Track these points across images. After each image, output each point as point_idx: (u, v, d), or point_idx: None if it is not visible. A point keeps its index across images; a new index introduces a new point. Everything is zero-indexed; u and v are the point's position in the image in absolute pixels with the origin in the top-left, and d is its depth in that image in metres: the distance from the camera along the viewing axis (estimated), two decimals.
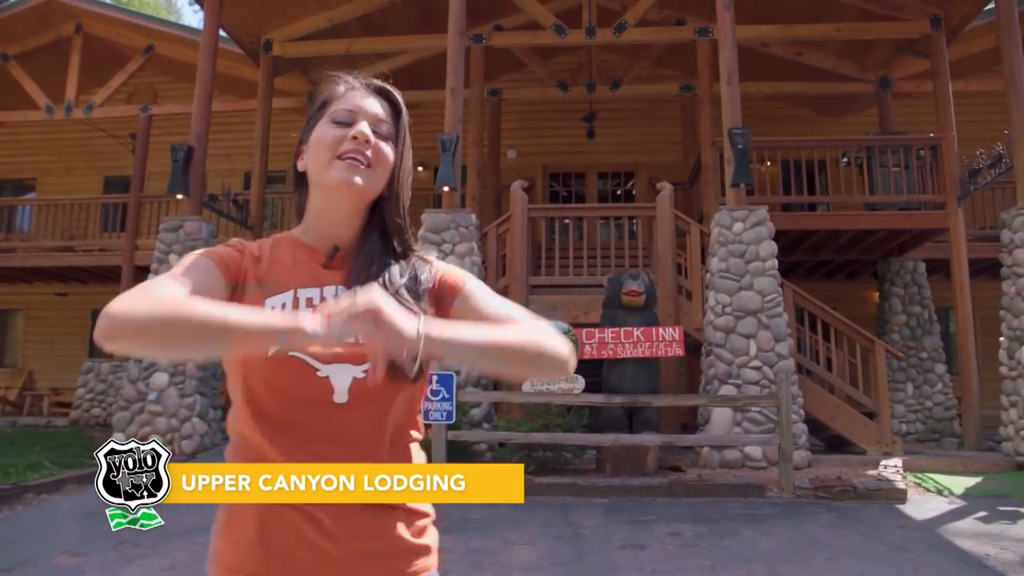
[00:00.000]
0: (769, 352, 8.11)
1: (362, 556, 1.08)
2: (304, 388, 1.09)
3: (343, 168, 1.15)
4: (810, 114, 13.93)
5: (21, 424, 13.04)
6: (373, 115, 1.19)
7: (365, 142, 1.16)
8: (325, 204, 1.20)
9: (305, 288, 1.16)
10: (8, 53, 13.58)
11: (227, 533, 1.11)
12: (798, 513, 6.11)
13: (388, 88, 1.24)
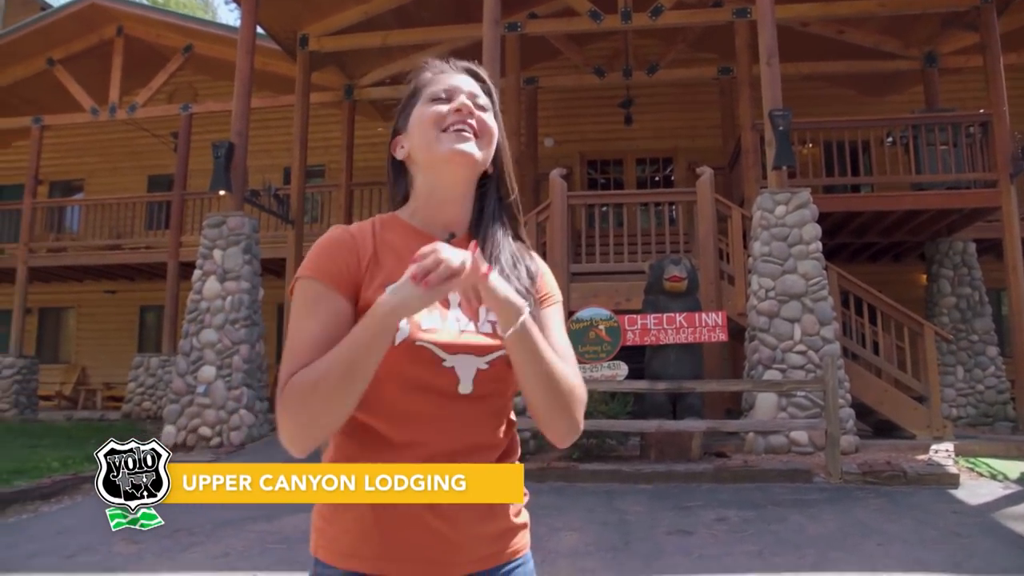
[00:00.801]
0: (814, 336, 7.99)
1: (477, 538, 1.10)
2: (431, 378, 1.09)
3: (452, 138, 1.15)
4: (852, 94, 13.64)
5: (76, 418, 13.44)
6: (469, 91, 1.20)
7: (469, 112, 1.17)
8: (436, 182, 1.19)
9: None
10: (54, 57, 13.92)
11: (339, 519, 1.11)
12: (847, 498, 6.02)
13: (475, 67, 1.25)
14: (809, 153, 10.65)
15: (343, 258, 1.14)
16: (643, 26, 10.93)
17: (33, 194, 14.22)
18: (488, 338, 1.12)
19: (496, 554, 1.13)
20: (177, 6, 29.62)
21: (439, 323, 1.11)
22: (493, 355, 1.12)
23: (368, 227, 1.21)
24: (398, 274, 1.04)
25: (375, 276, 1.13)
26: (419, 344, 1.08)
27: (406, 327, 1.08)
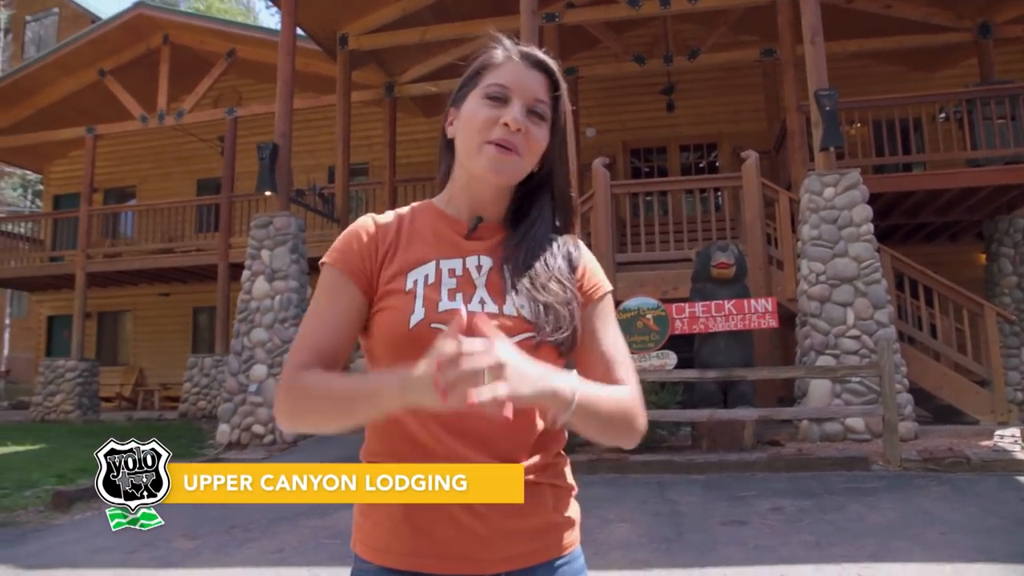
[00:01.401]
0: (868, 320, 7.79)
1: (509, 534, 1.07)
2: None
3: (491, 158, 1.12)
4: (902, 70, 13.25)
5: (136, 418, 13.82)
6: (530, 94, 1.14)
7: (516, 130, 1.12)
8: (470, 182, 1.18)
9: (448, 259, 1.14)
10: (104, 68, 14.31)
11: (372, 513, 1.11)
12: (907, 486, 5.86)
13: (546, 60, 1.17)
14: (857, 133, 10.38)
15: (362, 247, 1.16)
16: (682, 10, 10.78)
17: (89, 202, 14.66)
18: (512, 321, 1.09)
19: (536, 551, 1.09)
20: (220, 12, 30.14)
21: (460, 305, 1.09)
22: (515, 339, 1.06)
23: (396, 214, 1.21)
24: (419, 258, 1.09)
25: (392, 263, 1.14)
26: (434, 327, 1.06)
27: (421, 310, 1.08)
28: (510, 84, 1.14)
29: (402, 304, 1.09)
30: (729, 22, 12.10)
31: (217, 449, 9.33)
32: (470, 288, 1.12)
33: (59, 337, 17.07)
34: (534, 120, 1.14)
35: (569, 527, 1.15)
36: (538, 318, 1.09)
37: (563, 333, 1.10)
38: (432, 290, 1.10)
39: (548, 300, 1.11)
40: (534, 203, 1.20)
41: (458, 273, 1.13)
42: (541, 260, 1.15)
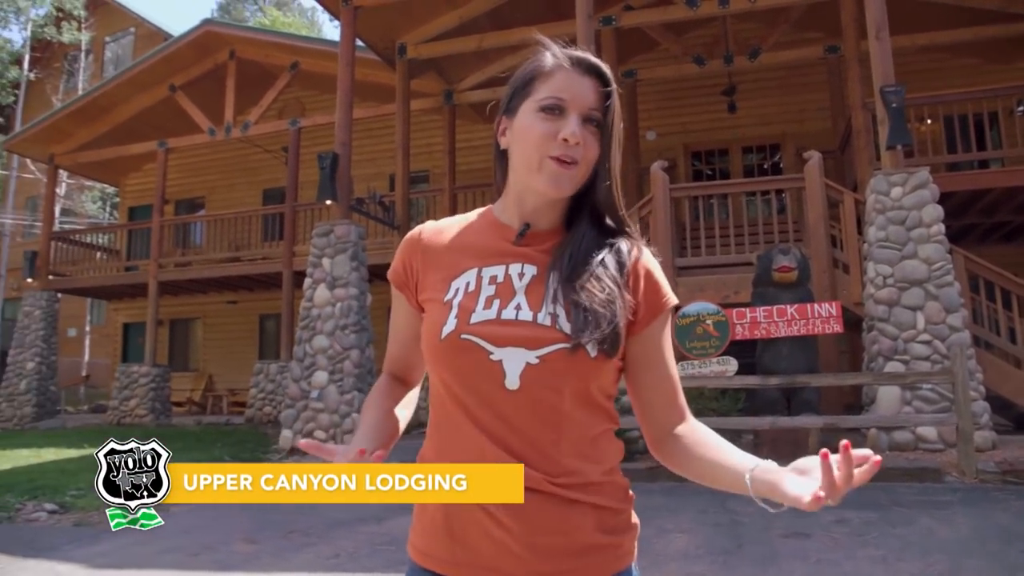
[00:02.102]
0: (940, 325, 7.48)
1: (542, 551, 1.04)
2: (478, 372, 1.07)
3: (552, 174, 1.10)
4: (976, 63, 12.73)
5: (205, 422, 14.24)
6: (584, 104, 1.12)
7: (576, 144, 1.10)
8: (524, 194, 1.16)
9: (490, 267, 1.14)
10: (175, 84, 14.82)
11: (422, 516, 1.13)
12: (983, 500, 5.59)
13: (599, 65, 1.14)
14: (928, 130, 10.00)
15: (405, 262, 1.22)
16: (742, 9, 10.58)
17: (160, 213, 15.20)
18: (544, 331, 1.06)
19: (572, 571, 1.06)
20: (284, 26, 30.92)
21: (493, 313, 1.08)
22: (546, 349, 1.05)
23: (453, 221, 1.24)
24: (464, 266, 1.15)
25: (435, 272, 1.18)
26: (464, 338, 1.07)
27: (453, 321, 1.09)
28: (564, 95, 1.11)
29: (438, 315, 1.12)
30: (791, 19, 11.82)
31: (280, 454, 9.52)
32: (509, 295, 1.10)
33: (134, 344, 17.74)
34: (589, 129, 1.12)
35: (614, 549, 1.10)
36: (575, 323, 1.06)
37: (603, 332, 1.07)
38: (470, 299, 1.11)
39: (585, 301, 1.08)
40: (582, 209, 1.18)
41: (499, 280, 1.12)
42: (581, 264, 1.12)
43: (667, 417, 1.18)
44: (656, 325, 1.16)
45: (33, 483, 7.67)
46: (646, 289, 1.15)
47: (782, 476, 1.00)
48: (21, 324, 15.43)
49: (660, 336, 1.16)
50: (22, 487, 7.45)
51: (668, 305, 1.17)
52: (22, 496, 7.03)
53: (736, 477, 1.07)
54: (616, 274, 1.13)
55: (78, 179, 22.41)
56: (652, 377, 1.17)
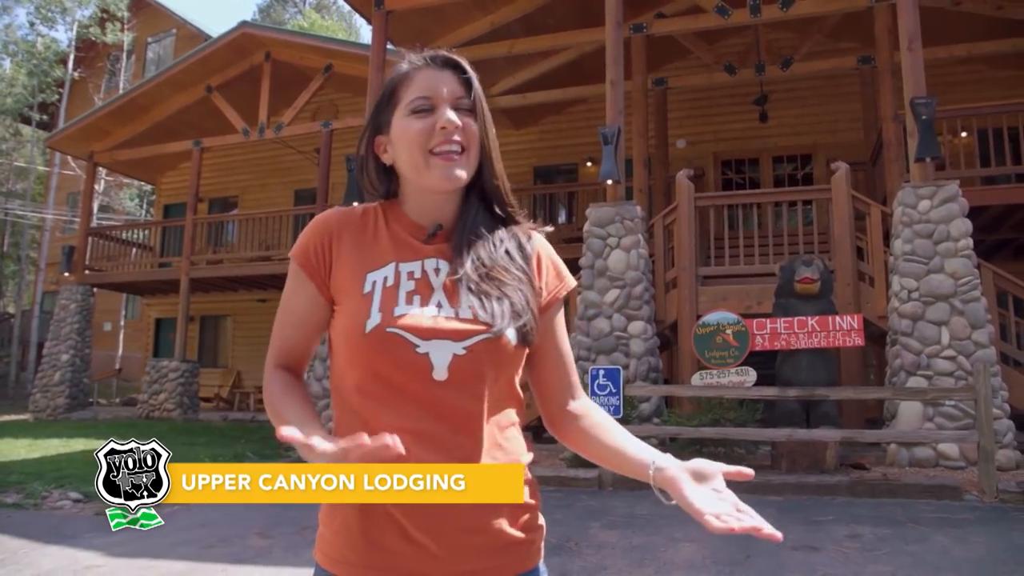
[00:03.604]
0: (965, 340, 7.35)
1: (461, 551, 1.05)
2: (405, 365, 1.07)
3: (442, 167, 1.13)
4: (1016, 75, 12.47)
5: (231, 419, 14.46)
6: (451, 95, 1.15)
7: (455, 129, 1.13)
8: (421, 194, 1.19)
9: (406, 262, 1.15)
10: (211, 84, 15.10)
11: (331, 522, 1.12)
12: (1001, 520, 5.49)
13: (452, 56, 1.18)
14: (962, 143, 9.83)
15: (317, 248, 1.18)
16: (774, 18, 10.49)
17: (194, 211, 15.47)
18: (467, 323, 1.09)
19: (492, 569, 1.08)
20: (321, 29, 31.31)
21: (416, 308, 1.10)
22: (471, 340, 1.08)
23: (364, 209, 1.23)
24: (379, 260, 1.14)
25: (349, 262, 1.16)
26: (390, 331, 1.07)
27: (377, 316, 1.08)
28: (429, 92, 1.15)
29: (359, 307, 1.10)
30: (824, 29, 11.73)
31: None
32: (428, 291, 1.13)
33: (165, 339, 18.07)
34: (464, 115, 1.16)
35: (529, 545, 1.12)
36: (492, 315, 1.09)
37: (522, 321, 1.11)
38: (390, 293, 1.11)
39: (499, 294, 1.12)
40: (469, 200, 1.21)
41: (416, 276, 1.14)
42: (488, 255, 1.15)
43: (563, 394, 1.23)
44: (556, 307, 1.22)
45: (60, 472, 7.86)
46: (548, 275, 1.21)
47: (684, 481, 1.03)
48: (57, 317, 15.80)
49: (559, 317, 1.23)
50: (50, 476, 7.64)
51: (567, 289, 1.23)
52: (49, 485, 7.22)
53: (639, 467, 1.10)
54: (523, 264, 1.18)
55: (116, 176, 22.89)
56: (553, 356, 1.22)
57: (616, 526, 5.44)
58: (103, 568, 4.72)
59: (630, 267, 8.76)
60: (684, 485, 1.02)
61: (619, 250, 8.87)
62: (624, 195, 9.40)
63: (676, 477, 1.04)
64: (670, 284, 9.28)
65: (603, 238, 8.99)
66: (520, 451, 1.15)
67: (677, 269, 9.18)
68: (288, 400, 1.13)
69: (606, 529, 5.35)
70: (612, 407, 7.13)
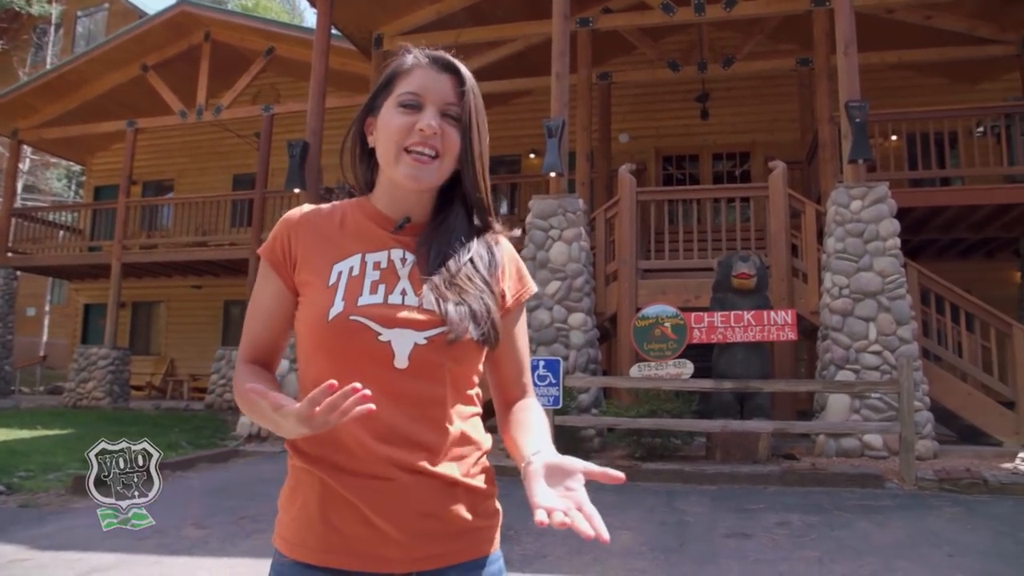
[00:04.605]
0: (890, 336, 7.66)
1: (421, 536, 1.07)
2: (367, 352, 1.08)
3: (409, 164, 1.15)
4: (943, 82, 13.01)
5: (163, 407, 14.10)
6: (441, 98, 1.17)
7: (432, 134, 1.15)
8: (393, 187, 1.21)
9: (373, 252, 1.17)
10: (147, 63, 14.64)
11: (290, 506, 1.12)
12: (919, 506, 5.76)
13: (454, 62, 1.20)
14: (891, 146, 10.21)
15: (283, 243, 1.20)
16: (717, 18, 10.70)
17: (127, 194, 14.99)
18: (430, 315, 1.11)
19: (448, 554, 1.10)
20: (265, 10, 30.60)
21: (379, 298, 1.11)
22: (433, 331, 1.10)
23: (331, 206, 1.25)
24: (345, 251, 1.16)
25: (315, 255, 1.17)
26: (353, 319, 1.09)
27: (340, 303, 1.10)
28: (421, 90, 1.17)
29: (323, 298, 1.12)
30: (765, 30, 11.99)
31: (238, 441, 9.47)
32: (393, 280, 1.14)
33: (94, 325, 17.49)
34: (448, 122, 1.17)
35: (487, 530, 1.15)
36: (448, 315, 1.11)
37: (481, 329, 1.13)
38: (355, 283, 1.13)
39: (462, 298, 1.13)
40: (447, 202, 1.23)
41: (382, 266, 1.16)
42: (455, 257, 1.17)
43: (515, 391, 1.27)
44: (517, 311, 1.26)
45: None
46: (512, 280, 1.24)
47: (535, 477, 1.00)
48: None
49: (520, 320, 1.27)
50: None
51: (529, 293, 1.27)
52: None
53: (521, 461, 1.08)
54: (487, 272, 1.20)
55: (43, 156, 22.00)
56: (511, 355, 1.26)
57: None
58: (29, 562, 4.58)
59: (571, 259, 8.84)
60: (534, 481, 0.99)
61: (561, 242, 8.95)
62: (567, 188, 9.48)
63: (532, 472, 1.01)
64: (610, 277, 9.40)
65: (545, 230, 9.05)
66: (482, 439, 1.18)
67: (618, 262, 9.31)
68: (256, 380, 1.11)
69: None
70: (552, 398, 7.20)
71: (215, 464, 8.19)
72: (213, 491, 6.58)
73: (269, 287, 1.20)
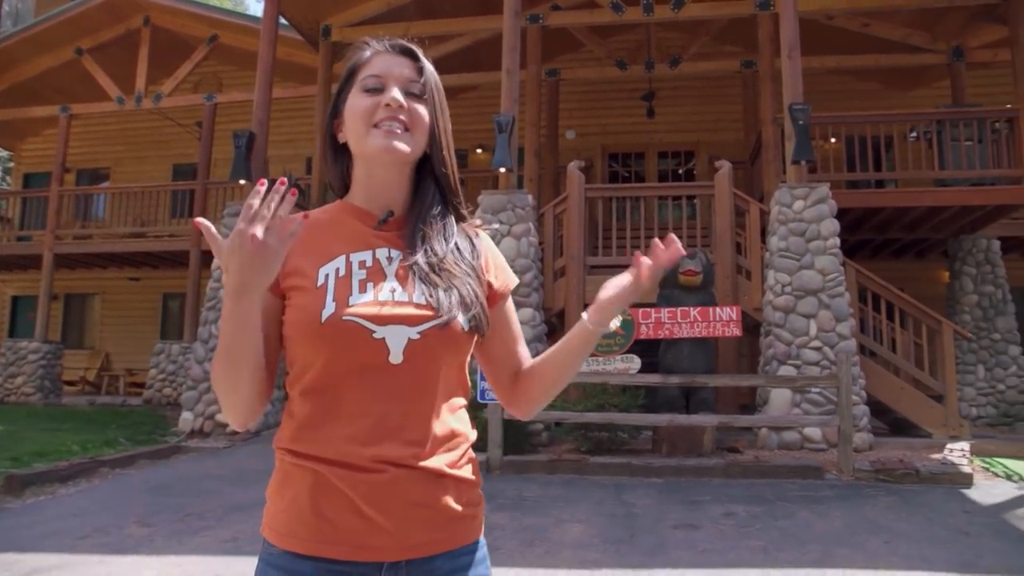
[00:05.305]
0: (830, 332, 7.92)
1: (411, 525, 1.09)
2: (362, 351, 1.10)
3: (381, 135, 1.17)
4: (878, 88, 13.48)
5: (99, 403, 13.67)
6: (401, 77, 1.20)
7: (399, 107, 1.17)
8: (371, 171, 1.22)
9: (357, 252, 1.18)
10: (82, 47, 14.14)
11: (279, 498, 1.13)
12: (857, 496, 5.98)
13: (412, 47, 1.24)
14: (831, 148, 10.53)
15: None
16: (665, 18, 10.88)
17: (60, 182, 14.45)
18: (422, 309, 1.13)
19: (436, 542, 1.12)
20: None
21: (369, 296, 1.13)
22: (425, 325, 1.12)
23: (303, 214, 1.22)
24: (329, 253, 1.16)
25: (299, 259, 1.16)
26: (346, 319, 1.10)
27: (332, 304, 1.11)
28: (382, 72, 1.20)
29: (313, 300, 1.12)
30: (711, 32, 12.23)
31: (180, 437, 9.26)
32: (381, 278, 1.15)
33: (23, 318, 16.82)
34: (413, 99, 1.20)
35: (471, 520, 1.18)
36: (440, 304, 1.13)
37: (470, 314, 1.16)
38: (343, 283, 1.13)
39: (448, 285, 1.16)
40: (421, 188, 1.25)
41: (368, 264, 1.17)
42: (441, 248, 1.20)
43: (515, 365, 1.31)
44: (506, 300, 1.30)
45: None
46: (496, 273, 1.28)
47: (602, 291, 1.19)
48: None
49: (510, 305, 1.31)
50: None
51: (514, 284, 1.32)
52: None
53: (577, 331, 1.22)
54: (472, 260, 1.23)
55: None
56: (506, 339, 1.30)
57: (506, 508, 5.55)
58: None
59: (520, 255, 8.89)
60: (605, 288, 1.20)
61: (510, 238, 8.99)
62: (516, 183, 9.53)
63: (599, 297, 1.20)
64: (558, 272, 9.48)
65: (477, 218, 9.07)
66: (468, 431, 1.21)
67: (566, 258, 9.39)
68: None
69: (496, 511, 5.44)
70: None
71: (157, 461, 7.99)
72: (156, 488, 6.43)
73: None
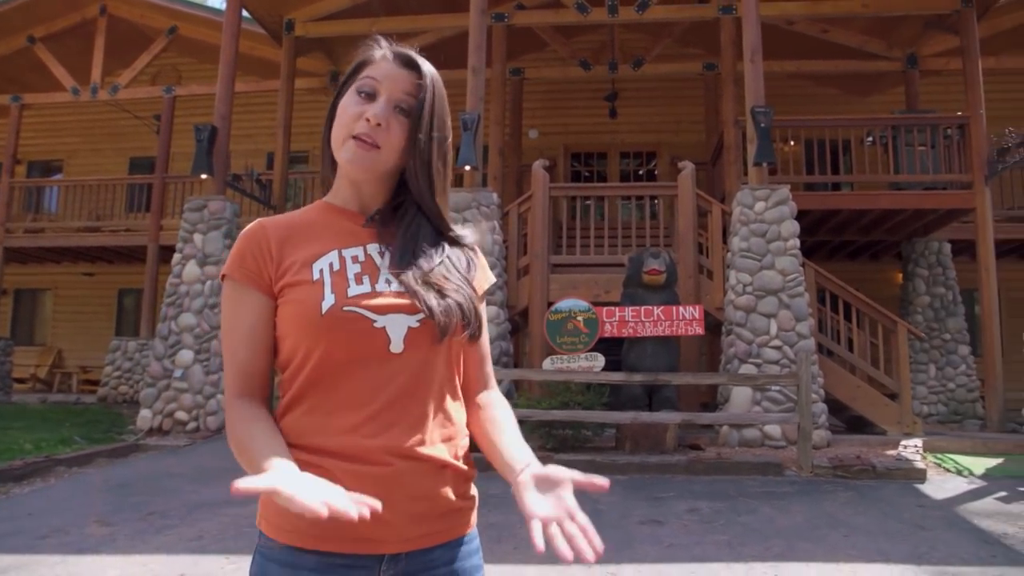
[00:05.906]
0: (790, 332, 8.09)
1: (412, 517, 1.11)
2: (364, 340, 1.11)
3: (351, 149, 1.17)
4: (836, 93, 13.77)
5: (51, 401, 13.34)
6: (395, 90, 1.20)
7: (376, 126, 1.17)
8: (346, 179, 1.24)
9: (349, 247, 1.19)
10: (35, 35, 13.76)
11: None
12: (816, 491, 6.13)
13: (417, 59, 1.23)
14: (791, 151, 10.75)
15: (254, 253, 1.18)
16: (629, 20, 10.98)
17: (11, 173, 14.06)
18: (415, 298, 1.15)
19: (436, 533, 1.14)
20: None
21: (367, 287, 1.14)
22: (417, 316, 1.14)
23: (289, 215, 1.26)
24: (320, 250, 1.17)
25: (291, 257, 1.17)
26: (347, 309, 1.11)
27: (331, 296, 1.12)
28: (380, 77, 1.20)
29: (311, 293, 1.13)
30: (674, 34, 12.38)
31: (138, 435, 9.10)
32: (375, 271, 1.17)
33: None
34: (398, 115, 1.19)
35: (468, 511, 1.20)
36: (431, 308, 1.14)
37: (467, 319, 1.18)
38: (339, 276, 1.15)
39: (443, 293, 1.17)
40: (410, 210, 1.25)
41: (361, 259, 1.18)
42: (426, 256, 1.20)
43: (477, 383, 1.30)
44: (482, 304, 1.30)
45: None
46: (479, 276, 1.29)
47: (526, 487, 1.08)
48: None
49: (482, 312, 1.30)
50: None
51: (490, 282, 1.32)
52: None
53: (509, 473, 1.14)
54: (464, 268, 1.25)
55: None
56: (474, 349, 1.29)
57: None
58: None
59: (485, 253, 8.90)
60: (525, 492, 1.07)
61: None
62: (480, 182, 9.55)
63: (523, 484, 1.08)
64: (522, 271, 9.52)
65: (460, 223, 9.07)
66: (463, 422, 1.22)
67: (530, 256, 9.44)
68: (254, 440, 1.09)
69: None
70: None
71: (115, 459, 7.84)
72: (115, 487, 6.31)
73: (245, 306, 1.16)
